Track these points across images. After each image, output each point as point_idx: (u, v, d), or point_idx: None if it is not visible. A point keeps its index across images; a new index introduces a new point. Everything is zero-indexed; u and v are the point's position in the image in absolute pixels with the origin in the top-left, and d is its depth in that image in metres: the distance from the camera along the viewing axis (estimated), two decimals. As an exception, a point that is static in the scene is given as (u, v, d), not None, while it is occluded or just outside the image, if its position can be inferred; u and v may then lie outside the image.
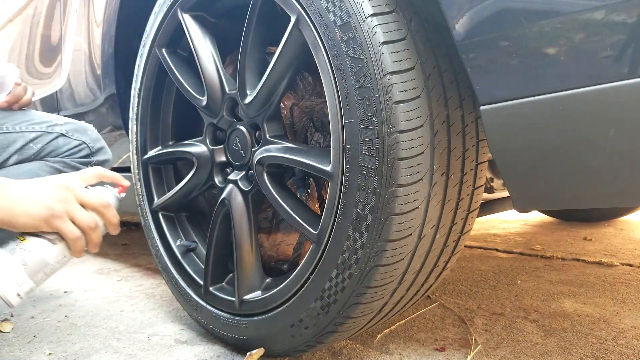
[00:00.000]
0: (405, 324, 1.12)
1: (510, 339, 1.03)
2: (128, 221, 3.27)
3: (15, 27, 2.10)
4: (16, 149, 0.92)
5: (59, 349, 1.04)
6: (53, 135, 0.96)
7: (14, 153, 0.92)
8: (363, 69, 0.69)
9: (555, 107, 0.57)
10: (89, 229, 0.75)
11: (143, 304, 1.35)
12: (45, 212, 0.70)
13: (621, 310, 1.19)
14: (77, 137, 0.98)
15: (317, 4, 0.74)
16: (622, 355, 0.94)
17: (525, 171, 0.63)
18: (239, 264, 0.95)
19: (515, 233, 2.30)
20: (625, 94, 0.52)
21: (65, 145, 0.97)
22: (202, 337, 1.09)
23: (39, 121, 0.95)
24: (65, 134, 0.97)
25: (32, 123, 0.95)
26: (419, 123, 0.69)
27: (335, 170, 0.75)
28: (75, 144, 0.98)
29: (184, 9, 1.03)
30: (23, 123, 0.94)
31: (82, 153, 0.99)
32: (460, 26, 0.62)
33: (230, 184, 0.99)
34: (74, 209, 0.73)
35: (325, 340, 0.84)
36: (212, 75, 0.99)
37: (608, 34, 0.52)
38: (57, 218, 0.71)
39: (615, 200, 0.61)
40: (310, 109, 0.99)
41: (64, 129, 0.97)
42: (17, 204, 0.69)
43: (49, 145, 0.95)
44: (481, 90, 0.62)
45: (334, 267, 0.77)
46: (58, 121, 0.98)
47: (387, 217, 0.70)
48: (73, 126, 0.99)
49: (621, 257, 1.72)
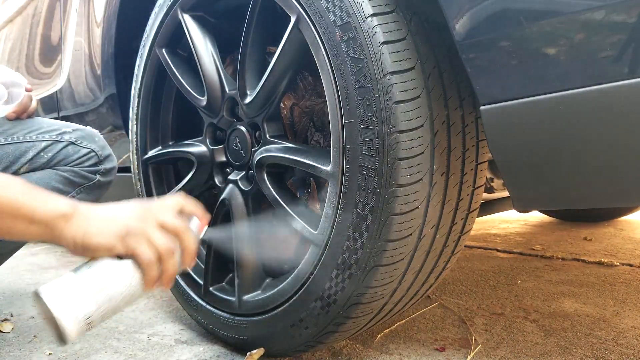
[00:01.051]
0: (405, 324, 1.12)
1: (510, 339, 1.03)
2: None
3: (15, 27, 2.10)
4: (28, 159, 0.93)
5: (59, 349, 1.04)
6: (63, 143, 0.97)
7: (25, 163, 0.93)
8: (363, 69, 0.69)
9: (555, 107, 0.57)
10: (166, 254, 0.65)
11: (143, 304, 1.35)
12: (121, 229, 0.64)
13: (621, 310, 1.19)
14: (86, 144, 1.00)
15: (317, 4, 0.74)
16: (622, 355, 0.94)
17: (525, 171, 0.63)
18: (238, 264, 0.95)
19: (515, 233, 2.30)
20: (625, 94, 0.52)
21: (75, 154, 0.98)
22: (202, 337, 1.09)
23: (48, 129, 0.97)
24: (74, 141, 0.98)
25: (41, 132, 0.96)
26: (419, 123, 0.69)
27: (335, 170, 0.75)
28: (85, 152, 0.99)
29: (184, 9, 1.03)
30: (33, 132, 0.95)
31: (91, 161, 1.01)
32: (460, 26, 0.62)
33: (230, 184, 0.99)
34: (152, 229, 0.65)
35: (326, 340, 0.84)
36: (212, 75, 0.99)
37: (608, 34, 0.52)
38: (133, 236, 0.64)
39: (615, 200, 0.61)
40: (310, 109, 0.99)
41: (73, 136, 0.98)
42: (93, 224, 0.64)
43: (59, 154, 0.97)
44: (481, 90, 0.62)
45: (334, 267, 0.77)
46: (66, 128, 0.99)
47: (387, 217, 0.70)
48: (81, 133, 1.00)
49: (621, 257, 1.72)
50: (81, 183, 1.00)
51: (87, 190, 1.02)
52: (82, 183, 1.00)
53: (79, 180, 1.00)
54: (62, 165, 0.98)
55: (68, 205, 0.64)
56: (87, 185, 1.01)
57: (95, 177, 1.02)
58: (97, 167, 1.01)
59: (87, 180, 1.01)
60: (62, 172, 0.98)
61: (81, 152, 0.99)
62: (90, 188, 1.03)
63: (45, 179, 0.96)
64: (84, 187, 1.01)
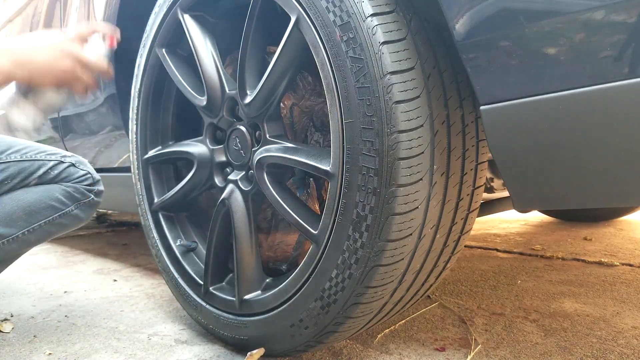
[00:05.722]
0: (405, 324, 1.12)
1: (510, 339, 1.03)
2: (128, 221, 3.27)
3: (15, 27, 2.09)
4: (39, 174, 1.09)
5: (59, 349, 1.04)
6: (66, 164, 1.12)
7: (36, 177, 1.09)
8: (363, 69, 0.69)
9: (555, 107, 0.57)
10: (91, 86, 1.02)
11: (143, 304, 1.36)
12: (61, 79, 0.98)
13: (621, 310, 1.19)
14: (82, 167, 1.15)
15: (317, 4, 0.74)
16: (622, 355, 0.94)
17: (525, 171, 0.63)
18: (239, 263, 0.95)
19: (515, 233, 2.31)
20: (625, 94, 0.52)
21: (76, 174, 1.13)
22: (202, 337, 1.09)
23: (53, 152, 1.13)
24: (74, 164, 1.14)
25: (48, 153, 1.12)
26: (419, 123, 0.69)
27: (335, 170, 0.75)
28: (82, 173, 1.14)
29: (184, 9, 1.03)
30: (42, 153, 1.11)
31: (87, 182, 1.15)
32: (460, 26, 0.62)
33: (230, 184, 0.99)
34: (80, 75, 0.99)
35: (325, 340, 0.84)
36: (212, 75, 0.99)
37: (608, 34, 0.52)
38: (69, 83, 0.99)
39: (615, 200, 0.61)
40: (310, 109, 0.99)
41: (72, 160, 1.14)
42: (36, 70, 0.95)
43: (64, 172, 1.12)
44: (481, 90, 0.62)
45: (334, 267, 0.77)
46: (66, 154, 1.15)
47: (387, 217, 0.70)
48: (77, 159, 1.16)
49: (621, 257, 1.72)
50: (80, 199, 1.14)
51: (83, 206, 1.15)
52: (80, 199, 1.14)
53: (79, 195, 1.13)
54: (66, 182, 1.12)
55: None
56: (84, 201, 1.14)
57: (90, 195, 1.15)
58: (92, 187, 1.16)
59: (84, 197, 1.14)
60: (66, 187, 1.12)
61: (80, 173, 1.14)
62: (86, 205, 1.15)
63: (51, 190, 1.10)
64: (81, 202, 1.14)
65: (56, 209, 1.10)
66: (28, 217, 1.07)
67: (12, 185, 1.07)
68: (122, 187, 1.49)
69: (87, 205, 1.15)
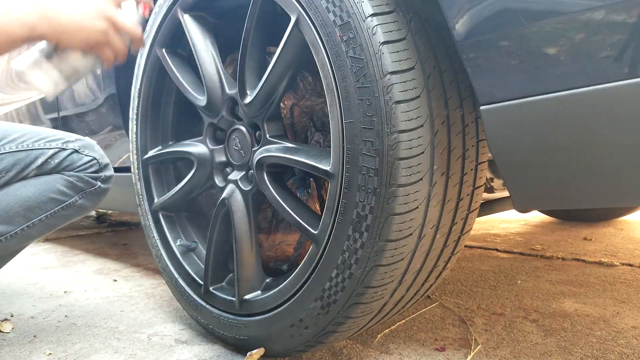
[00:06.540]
0: (405, 324, 1.12)
1: (510, 339, 1.03)
2: (128, 221, 3.27)
3: None
4: (37, 165, 1.01)
5: (59, 349, 1.04)
6: (68, 151, 1.04)
7: (34, 168, 1.01)
8: (363, 69, 0.69)
9: (555, 107, 0.57)
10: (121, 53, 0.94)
11: (143, 304, 1.36)
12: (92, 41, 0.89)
13: (621, 310, 1.19)
14: (88, 152, 1.07)
15: (317, 4, 0.74)
16: (622, 355, 0.94)
17: (525, 171, 0.63)
18: (239, 263, 0.95)
19: (515, 233, 2.31)
20: (625, 94, 0.52)
21: (79, 161, 1.05)
22: (202, 337, 1.09)
23: (54, 138, 1.04)
24: (78, 150, 1.05)
25: (48, 140, 1.04)
26: (419, 123, 0.69)
27: (335, 170, 0.75)
28: (87, 159, 1.06)
29: (184, 9, 1.03)
30: (41, 140, 1.03)
31: (92, 168, 1.07)
32: (460, 26, 0.62)
33: (230, 184, 0.99)
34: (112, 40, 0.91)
35: (326, 340, 0.84)
36: (212, 75, 0.99)
37: (608, 34, 0.52)
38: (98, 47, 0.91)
39: (615, 200, 0.61)
40: (310, 109, 0.99)
41: (76, 145, 1.06)
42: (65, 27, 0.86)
43: (65, 161, 1.04)
44: (481, 90, 0.62)
45: (334, 267, 0.77)
46: (69, 138, 1.06)
47: (387, 217, 0.70)
48: (83, 143, 1.08)
49: (621, 257, 1.72)
50: (84, 188, 1.06)
51: (88, 195, 1.08)
52: (84, 188, 1.06)
53: (82, 185, 1.06)
54: (68, 171, 1.05)
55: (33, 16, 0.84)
56: (89, 190, 1.07)
57: (96, 183, 1.08)
58: (98, 174, 1.08)
59: (89, 186, 1.07)
60: (68, 177, 1.04)
61: (84, 160, 1.06)
62: (91, 194, 1.08)
63: (52, 182, 1.03)
64: (85, 192, 1.07)
65: (58, 201, 1.03)
66: (27, 212, 1.01)
67: (8, 179, 0.99)
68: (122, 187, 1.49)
69: (94, 194, 1.08)
